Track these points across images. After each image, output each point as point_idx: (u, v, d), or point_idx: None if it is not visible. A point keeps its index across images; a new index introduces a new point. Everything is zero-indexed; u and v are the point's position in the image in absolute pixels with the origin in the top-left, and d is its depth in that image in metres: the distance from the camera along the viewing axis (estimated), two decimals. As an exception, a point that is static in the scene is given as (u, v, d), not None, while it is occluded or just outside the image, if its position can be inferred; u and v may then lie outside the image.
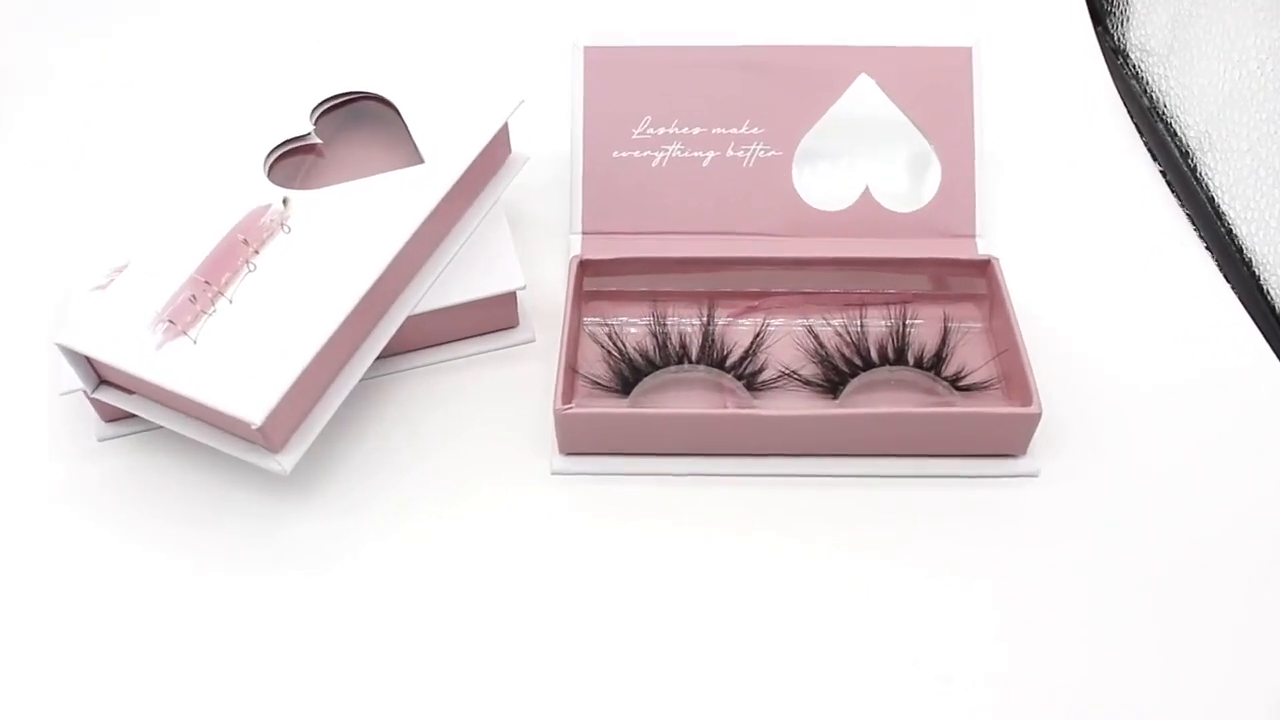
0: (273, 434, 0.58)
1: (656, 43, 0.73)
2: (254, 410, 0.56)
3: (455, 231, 0.68)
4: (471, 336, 0.69)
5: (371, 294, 0.61)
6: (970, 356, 0.65)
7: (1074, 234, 0.75)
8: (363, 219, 0.64)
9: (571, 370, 0.63)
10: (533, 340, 0.69)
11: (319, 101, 0.71)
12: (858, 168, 0.72)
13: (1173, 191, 0.78)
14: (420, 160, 0.66)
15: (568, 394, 0.61)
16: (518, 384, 0.67)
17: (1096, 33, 0.89)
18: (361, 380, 0.63)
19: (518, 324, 0.70)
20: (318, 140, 0.69)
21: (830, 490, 0.61)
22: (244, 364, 0.57)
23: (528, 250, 0.73)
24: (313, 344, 0.59)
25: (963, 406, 0.61)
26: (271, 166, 0.68)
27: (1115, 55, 0.89)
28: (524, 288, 0.66)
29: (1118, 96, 0.85)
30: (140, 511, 0.62)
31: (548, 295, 0.70)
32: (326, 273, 0.61)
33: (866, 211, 0.71)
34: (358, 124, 0.73)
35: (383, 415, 0.66)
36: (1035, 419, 0.59)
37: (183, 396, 0.57)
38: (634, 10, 0.92)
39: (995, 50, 0.74)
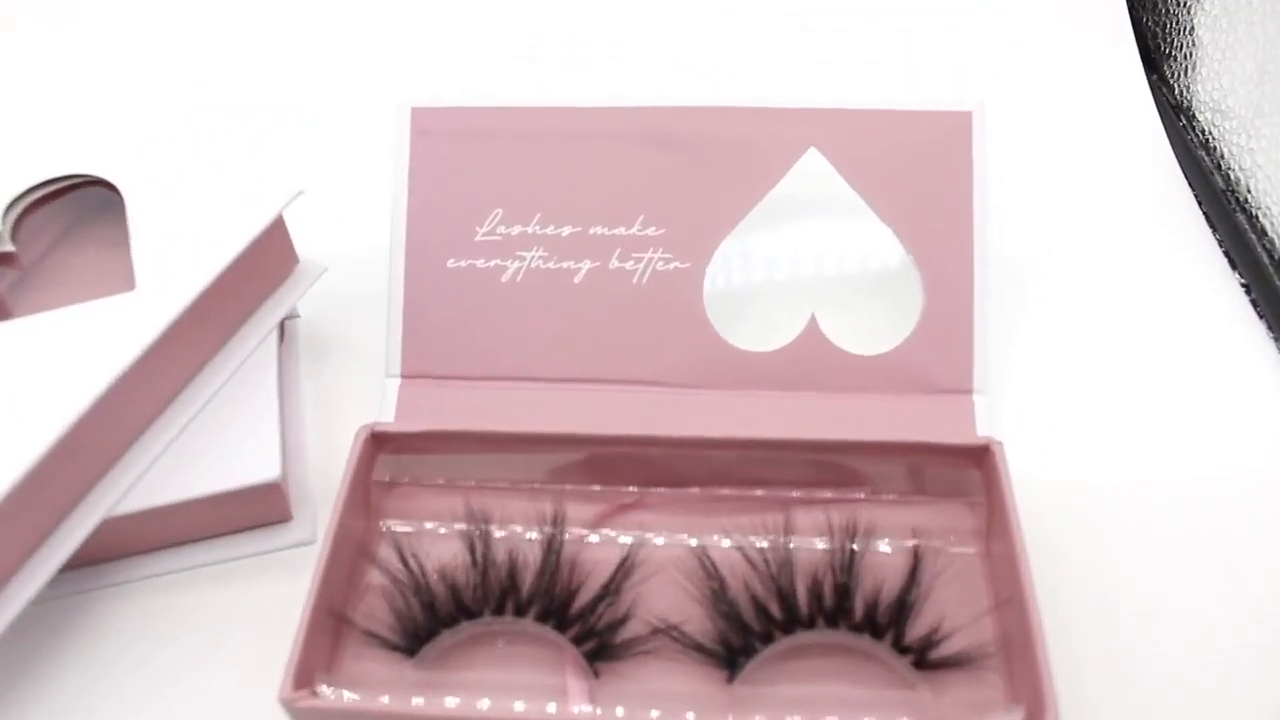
0: None
1: (513, 103, 0.50)
2: None
3: (194, 386, 0.46)
4: (224, 534, 0.47)
5: (30, 493, 0.39)
6: (952, 605, 0.42)
7: (1116, 390, 0.51)
8: (26, 377, 0.41)
9: (332, 618, 0.40)
10: (312, 542, 0.47)
11: (22, 191, 0.48)
12: (800, 289, 0.49)
13: (1260, 316, 0.54)
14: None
15: (309, 666, 0.38)
16: (283, 609, 0.44)
17: (1150, 83, 0.65)
18: (40, 601, 0.42)
19: (290, 518, 0.47)
20: (10, 248, 0.47)
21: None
22: None
23: (331, 400, 0.51)
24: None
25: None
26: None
27: (1176, 115, 0.65)
28: (277, 479, 0.43)
29: (1181, 176, 0.61)
30: None
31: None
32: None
33: (812, 354, 0.48)
34: (102, 218, 0.50)
35: (71, 662, 0.44)
36: (1048, 740, 0.36)
37: None
38: (490, 64, 0.69)
39: (1005, 115, 0.51)
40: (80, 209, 0.52)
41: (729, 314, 0.49)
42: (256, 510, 0.46)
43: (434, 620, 0.41)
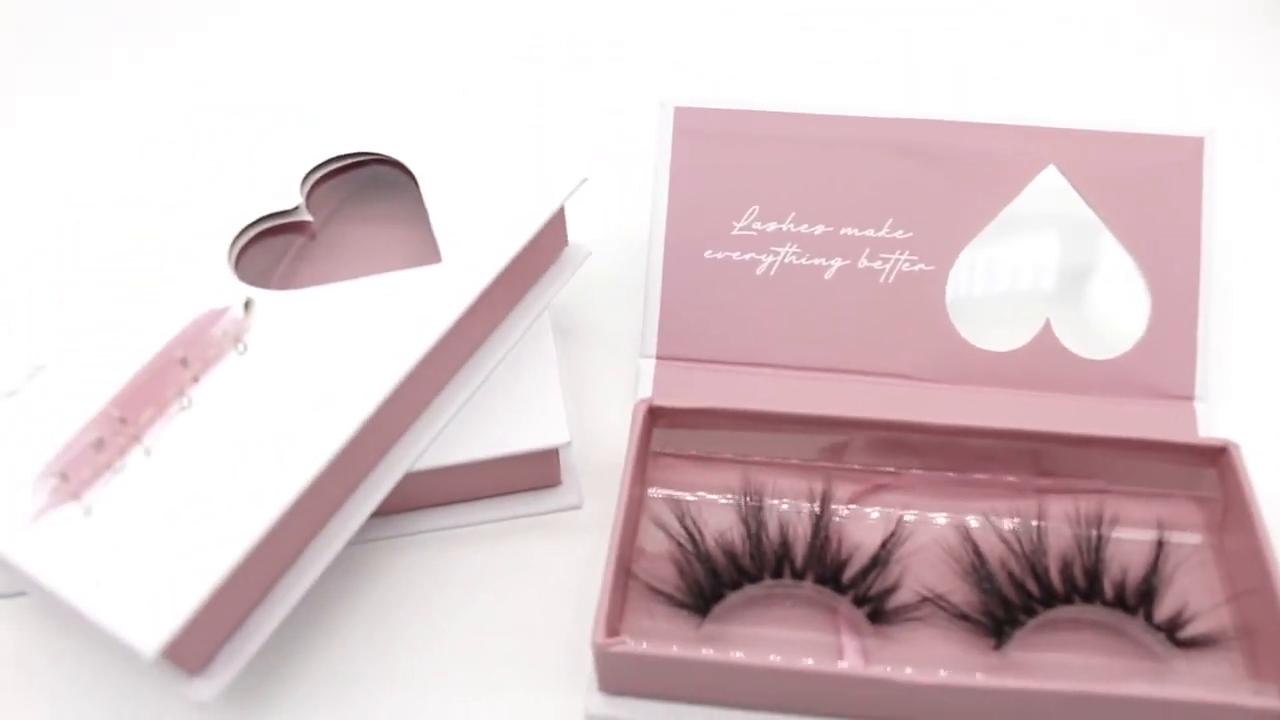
0: (185, 656, 0.40)
1: (774, 108, 0.54)
2: (147, 634, 0.38)
3: (480, 355, 0.50)
4: (497, 495, 0.51)
5: (354, 447, 0.43)
6: (1194, 591, 0.45)
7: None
8: (349, 338, 0.45)
9: (625, 575, 0.44)
10: (578, 507, 0.51)
11: (316, 164, 0.53)
12: (1037, 294, 0.52)
13: None
14: (437, 257, 0.48)
15: (615, 617, 0.42)
16: (554, 568, 0.49)
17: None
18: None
19: (560, 483, 0.51)
20: (308, 217, 0.51)
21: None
22: (148, 556, 0.39)
23: (579, 376, 0.55)
24: (256, 524, 0.40)
25: (1192, 690, 0.41)
26: (242, 252, 0.50)
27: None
28: (568, 444, 0.47)
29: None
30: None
31: (604, 443, 0.52)
32: (290, 415, 0.43)
33: (1045, 356, 0.51)
34: (375, 194, 0.55)
35: (363, 604, 0.48)
36: (1303, 718, 0.39)
37: (55, 595, 0.39)
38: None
39: (1239, 142, 0.54)
40: (354, 185, 0.56)
41: (969, 315, 0.52)
42: (534, 474, 0.50)
43: (717, 582, 0.45)
